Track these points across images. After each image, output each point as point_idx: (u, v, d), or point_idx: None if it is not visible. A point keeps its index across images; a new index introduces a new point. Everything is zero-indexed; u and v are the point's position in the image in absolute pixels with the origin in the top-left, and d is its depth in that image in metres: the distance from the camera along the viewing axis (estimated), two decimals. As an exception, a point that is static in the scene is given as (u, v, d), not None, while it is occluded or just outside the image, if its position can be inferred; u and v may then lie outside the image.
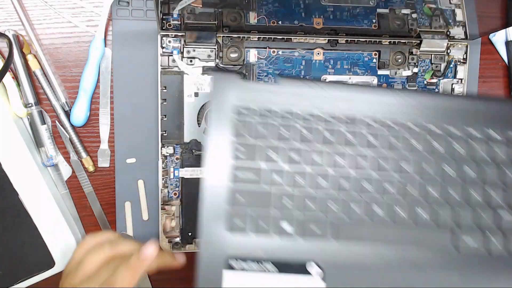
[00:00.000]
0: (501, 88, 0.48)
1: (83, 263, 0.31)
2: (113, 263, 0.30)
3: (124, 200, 0.41)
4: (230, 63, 0.40)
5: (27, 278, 0.39)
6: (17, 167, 0.37)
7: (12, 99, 0.38)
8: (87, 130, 0.41)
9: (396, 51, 0.43)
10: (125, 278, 0.29)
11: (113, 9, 0.39)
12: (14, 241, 0.38)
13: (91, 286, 0.29)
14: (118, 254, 0.31)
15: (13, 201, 0.38)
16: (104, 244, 0.32)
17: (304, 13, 0.41)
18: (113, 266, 0.30)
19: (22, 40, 0.38)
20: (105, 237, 0.33)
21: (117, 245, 0.32)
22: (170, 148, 0.40)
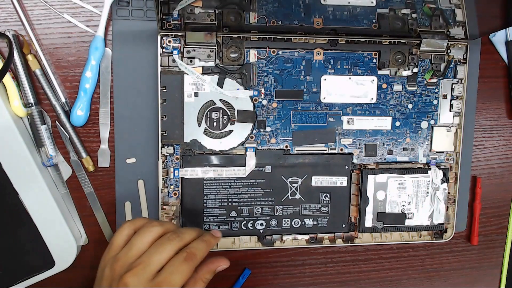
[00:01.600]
0: (501, 88, 0.48)
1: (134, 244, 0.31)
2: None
3: (124, 200, 0.41)
4: (230, 63, 0.40)
5: (27, 278, 0.39)
6: (17, 167, 0.37)
7: (12, 99, 0.38)
8: (87, 130, 0.41)
9: (396, 51, 0.43)
10: (203, 248, 0.31)
11: (113, 9, 0.39)
12: (14, 241, 0.38)
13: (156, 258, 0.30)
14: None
15: (13, 201, 0.38)
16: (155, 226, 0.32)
17: (304, 13, 0.41)
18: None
19: (22, 40, 0.38)
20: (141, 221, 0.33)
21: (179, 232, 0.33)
22: (170, 148, 0.40)
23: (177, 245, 0.31)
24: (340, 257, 0.47)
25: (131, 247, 0.31)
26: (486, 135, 0.48)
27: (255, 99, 0.41)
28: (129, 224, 0.33)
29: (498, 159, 0.48)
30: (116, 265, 0.30)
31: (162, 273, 0.30)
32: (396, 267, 0.48)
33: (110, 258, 0.31)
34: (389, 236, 0.45)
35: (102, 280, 0.31)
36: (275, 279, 0.46)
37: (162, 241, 0.31)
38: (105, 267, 0.31)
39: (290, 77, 0.42)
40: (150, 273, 0.29)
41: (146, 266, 0.29)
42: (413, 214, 0.45)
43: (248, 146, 0.42)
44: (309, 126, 0.43)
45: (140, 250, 0.31)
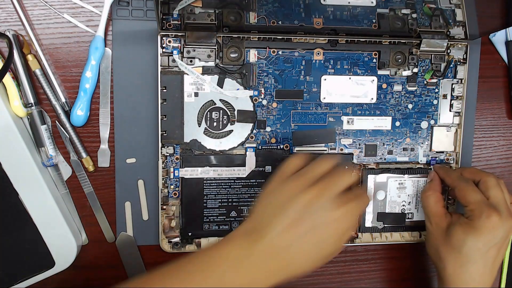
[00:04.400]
0: (501, 88, 0.48)
1: (318, 165, 0.34)
2: None
3: (124, 200, 0.41)
4: (230, 63, 0.40)
5: (27, 278, 0.39)
6: (17, 167, 0.37)
7: (12, 99, 0.38)
8: (87, 130, 0.41)
9: (396, 51, 0.43)
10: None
11: (113, 9, 0.39)
12: (14, 241, 0.38)
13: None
14: None
15: (13, 201, 0.38)
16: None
17: (304, 13, 0.41)
18: None
19: (22, 40, 0.38)
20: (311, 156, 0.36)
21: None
22: (170, 148, 0.40)
23: (354, 179, 0.34)
24: (340, 257, 0.47)
25: (314, 169, 0.34)
26: (486, 135, 0.48)
27: (255, 99, 0.41)
28: (301, 156, 0.35)
29: (498, 159, 0.48)
30: (301, 179, 0.33)
31: (347, 195, 0.33)
32: (397, 267, 0.48)
33: (288, 177, 0.34)
34: (389, 236, 0.45)
35: (282, 192, 0.32)
36: (275, 279, 0.46)
37: (343, 171, 0.34)
38: (284, 182, 0.33)
39: (290, 77, 0.42)
40: (335, 192, 0.32)
41: (333, 185, 0.32)
42: (413, 214, 0.45)
43: (248, 146, 0.42)
44: (309, 126, 0.43)
45: (322, 173, 0.33)
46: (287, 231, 0.31)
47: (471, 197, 0.37)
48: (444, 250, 0.39)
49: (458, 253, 0.37)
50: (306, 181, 0.33)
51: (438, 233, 0.40)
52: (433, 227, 0.40)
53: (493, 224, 0.36)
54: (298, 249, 0.31)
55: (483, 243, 0.37)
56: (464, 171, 0.41)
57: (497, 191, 0.38)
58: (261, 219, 0.32)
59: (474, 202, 0.37)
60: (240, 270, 0.30)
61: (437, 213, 0.40)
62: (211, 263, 0.31)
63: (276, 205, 0.32)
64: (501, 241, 0.37)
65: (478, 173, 0.40)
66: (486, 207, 0.36)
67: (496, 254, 0.38)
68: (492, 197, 0.38)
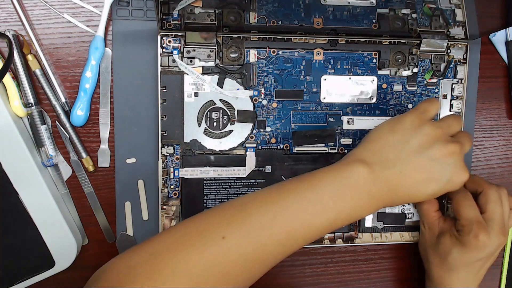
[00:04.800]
0: (501, 88, 0.48)
1: (448, 125, 0.36)
2: None
3: (124, 200, 0.41)
4: (230, 63, 0.40)
5: (27, 278, 0.39)
6: (17, 167, 0.37)
7: (12, 99, 0.38)
8: (87, 130, 0.41)
9: (396, 51, 0.43)
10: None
11: (113, 9, 0.39)
12: (14, 241, 0.38)
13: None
14: None
15: (13, 201, 0.38)
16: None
17: (304, 13, 0.41)
18: None
19: (22, 40, 0.38)
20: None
21: None
22: (170, 148, 0.40)
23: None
24: (340, 257, 0.47)
25: (452, 124, 0.36)
26: (486, 135, 0.48)
27: (255, 99, 0.41)
28: (438, 103, 0.37)
29: (498, 159, 0.48)
30: (442, 131, 0.34)
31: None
32: (397, 267, 0.48)
33: (429, 119, 0.35)
34: (389, 236, 0.45)
35: (418, 132, 0.34)
36: (275, 279, 0.46)
37: (470, 135, 0.37)
38: (424, 126, 0.34)
39: (290, 77, 0.42)
40: (463, 156, 0.35)
41: (464, 148, 0.35)
42: (413, 214, 0.45)
43: (248, 146, 0.42)
44: (309, 126, 0.43)
45: (455, 131, 0.36)
46: (415, 173, 0.33)
47: (464, 213, 0.37)
48: (432, 253, 0.40)
49: (444, 259, 0.39)
50: (445, 134, 0.35)
51: (430, 236, 0.41)
52: (426, 230, 0.41)
53: (480, 243, 0.36)
54: (412, 191, 0.33)
55: (468, 258, 0.37)
56: (468, 180, 0.40)
57: (495, 206, 0.38)
58: (386, 152, 0.33)
59: (465, 218, 0.37)
60: (369, 195, 0.32)
61: (431, 218, 0.41)
62: (342, 186, 0.32)
63: (413, 145, 0.33)
64: (487, 256, 0.38)
65: (481, 184, 0.39)
66: (476, 226, 0.36)
67: (481, 265, 0.39)
68: (489, 212, 0.38)
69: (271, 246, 0.29)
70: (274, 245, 0.30)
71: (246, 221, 0.30)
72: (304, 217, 0.30)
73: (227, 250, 0.28)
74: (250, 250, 0.29)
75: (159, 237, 0.30)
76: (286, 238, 0.30)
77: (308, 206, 0.30)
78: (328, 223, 0.31)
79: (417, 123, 0.34)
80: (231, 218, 0.30)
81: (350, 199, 0.31)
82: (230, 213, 0.30)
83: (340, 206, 0.31)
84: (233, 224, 0.29)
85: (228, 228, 0.29)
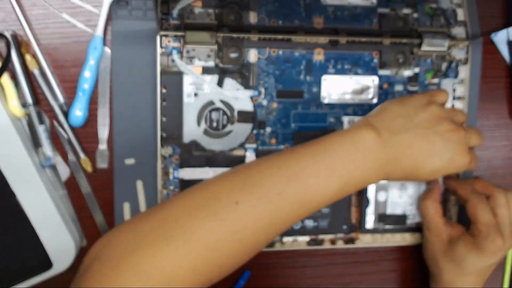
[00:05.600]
0: (503, 88, 0.47)
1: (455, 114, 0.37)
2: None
3: (122, 201, 0.41)
4: (230, 63, 0.40)
5: (25, 280, 0.39)
6: (15, 168, 0.37)
7: (10, 99, 0.37)
8: (86, 131, 0.40)
9: (397, 51, 0.42)
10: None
11: (112, 9, 0.39)
12: (11, 243, 0.38)
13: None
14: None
15: (10, 202, 0.37)
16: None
17: (304, 13, 0.41)
18: None
19: (20, 39, 0.38)
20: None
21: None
22: (170, 149, 0.40)
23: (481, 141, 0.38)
24: (341, 259, 0.46)
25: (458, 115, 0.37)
26: (488, 135, 0.48)
27: (255, 99, 0.41)
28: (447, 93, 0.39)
29: (501, 160, 0.48)
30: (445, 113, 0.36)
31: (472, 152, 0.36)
32: (398, 269, 0.48)
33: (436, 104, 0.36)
34: (391, 237, 0.45)
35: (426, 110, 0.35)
36: (276, 281, 0.46)
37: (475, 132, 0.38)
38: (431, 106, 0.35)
39: (291, 77, 0.41)
40: (468, 143, 0.36)
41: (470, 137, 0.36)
42: (415, 215, 0.45)
43: (248, 146, 0.41)
44: (310, 127, 0.42)
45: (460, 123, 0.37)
46: (420, 143, 0.34)
47: (482, 217, 0.38)
48: (443, 260, 0.40)
49: (457, 265, 0.39)
50: (451, 117, 0.36)
51: (438, 242, 0.41)
52: (432, 236, 0.41)
53: (496, 248, 0.37)
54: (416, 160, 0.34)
55: (483, 262, 0.38)
56: (476, 183, 0.41)
57: (505, 211, 0.38)
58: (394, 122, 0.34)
59: (483, 223, 0.38)
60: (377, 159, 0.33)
61: (437, 224, 0.41)
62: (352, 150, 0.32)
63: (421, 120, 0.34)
64: (500, 260, 0.38)
65: (489, 188, 0.40)
66: (493, 231, 0.37)
67: (491, 268, 0.40)
68: (499, 216, 0.38)
69: (285, 209, 0.30)
70: (289, 209, 0.30)
71: (259, 185, 0.30)
72: (317, 180, 0.31)
73: (241, 215, 0.28)
74: (265, 215, 0.29)
75: (169, 203, 0.29)
76: (300, 202, 0.30)
77: (321, 169, 0.31)
78: (339, 186, 0.31)
79: (425, 102, 0.36)
80: (243, 183, 0.30)
81: (360, 163, 0.32)
82: (242, 178, 0.30)
83: (351, 169, 0.32)
84: (246, 189, 0.29)
85: (241, 193, 0.29)
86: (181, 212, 0.28)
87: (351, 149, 0.32)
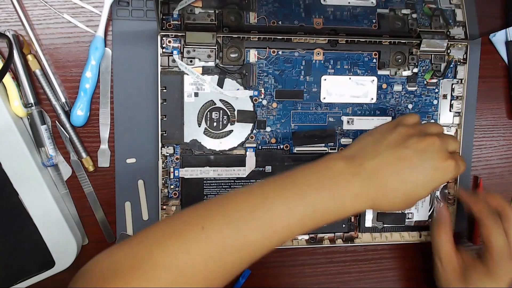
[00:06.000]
0: (501, 88, 0.48)
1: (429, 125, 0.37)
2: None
3: (124, 200, 0.41)
4: (230, 63, 0.40)
5: (27, 278, 0.39)
6: (17, 167, 0.37)
7: (12, 99, 0.38)
8: (87, 130, 0.41)
9: (396, 51, 0.43)
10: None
11: (113, 9, 0.39)
12: (14, 241, 0.38)
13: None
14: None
15: (13, 201, 0.38)
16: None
17: (304, 13, 0.41)
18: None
19: (22, 40, 0.38)
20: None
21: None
22: (170, 148, 0.40)
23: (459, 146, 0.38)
24: (340, 257, 0.47)
25: (429, 127, 0.37)
26: (486, 135, 0.48)
27: (255, 99, 0.41)
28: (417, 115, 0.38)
29: (498, 159, 0.48)
30: (417, 128, 0.35)
31: (453, 155, 0.35)
32: (397, 267, 0.48)
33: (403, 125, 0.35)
34: (389, 236, 0.45)
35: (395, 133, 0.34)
36: (275, 279, 0.46)
37: (453, 137, 0.37)
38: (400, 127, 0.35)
39: (290, 77, 0.42)
40: (447, 148, 0.35)
41: (446, 142, 0.35)
42: (413, 214, 0.45)
43: (248, 146, 0.42)
44: (309, 126, 0.42)
45: (437, 132, 0.36)
46: (394, 162, 0.33)
47: (496, 240, 0.38)
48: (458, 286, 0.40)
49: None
50: (421, 131, 0.35)
51: (450, 270, 0.41)
52: (443, 265, 0.41)
53: (509, 273, 0.38)
54: (396, 181, 0.33)
55: (499, 285, 0.38)
56: (491, 199, 0.41)
57: None
58: (365, 149, 0.34)
59: (497, 247, 0.38)
60: (349, 186, 0.32)
61: (449, 254, 0.41)
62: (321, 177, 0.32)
63: (390, 140, 0.34)
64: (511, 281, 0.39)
65: (502, 205, 0.40)
66: (507, 257, 0.37)
67: None
68: (511, 236, 0.38)
69: (252, 237, 0.29)
70: (255, 236, 0.29)
71: (225, 211, 0.30)
72: (283, 207, 0.30)
73: (207, 240, 0.28)
74: (230, 241, 0.29)
75: (142, 232, 0.30)
76: (267, 229, 0.30)
77: (287, 196, 0.31)
78: (307, 214, 0.31)
79: (392, 127, 0.36)
80: (210, 210, 0.30)
81: (329, 191, 0.31)
82: (210, 206, 0.31)
83: (319, 196, 0.31)
84: (212, 215, 0.30)
85: (207, 219, 0.29)
86: (152, 239, 0.29)
87: (318, 177, 0.32)
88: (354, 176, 0.32)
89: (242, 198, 0.31)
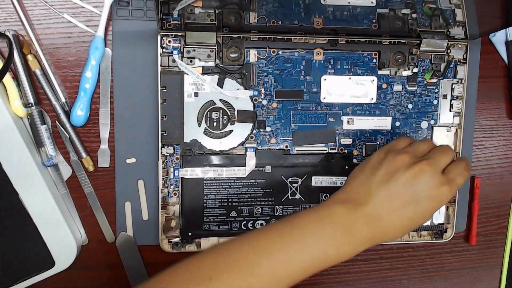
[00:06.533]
0: (501, 88, 0.48)
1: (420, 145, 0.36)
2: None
3: (124, 200, 0.41)
4: (230, 63, 0.40)
5: (27, 278, 0.39)
6: (17, 167, 0.37)
7: (12, 99, 0.38)
8: (87, 130, 0.41)
9: (396, 51, 0.43)
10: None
11: (113, 9, 0.39)
12: (14, 241, 0.38)
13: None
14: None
15: (13, 201, 0.38)
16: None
17: (304, 13, 0.41)
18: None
19: (22, 40, 0.38)
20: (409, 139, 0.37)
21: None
22: (170, 148, 0.40)
23: (454, 154, 0.36)
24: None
25: (419, 147, 0.35)
26: (486, 135, 0.48)
27: (255, 99, 0.41)
28: (407, 138, 0.37)
29: (498, 159, 0.48)
30: (405, 156, 0.34)
31: (449, 172, 0.34)
32: (396, 267, 0.48)
33: (395, 150, 0.35)
34: (389, 236, 0.45)
35: (385, 166, 0.34)
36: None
37: (445, 148, 0.35)
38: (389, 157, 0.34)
39: (290, 77, 0.42)
40: (440, 168, 0.34)
41: (437, 161, 0.34)
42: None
43: (248, 146, 0.42)
44: (309, 126, 0.43)
45: (425, 152, 0.35)
46: (387, 202, 0.32)
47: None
48: None
49: None
50: (411, 157, 0.34)
51: None
52: None
53: None
54: (392, 220, 0.33)
55: None
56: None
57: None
58: (359, 189, 0.34)
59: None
60: (348, 233, 0.32)
61: None
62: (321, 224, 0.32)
63: (379, 176, 0.33)
64: None
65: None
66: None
67: None
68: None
69: (257, 284, 0.30)
70: (260, 284, 0.30)
71: (232, 261, 0.31)
72: (286, 255, 0.31)
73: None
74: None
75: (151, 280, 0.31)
76: (271, 277, 0.31)
77: (290, 244, 0.31)
78: (311, 261, 0.31)
79: (382, 157, 0.35)
80: (217, 259, 0.31)
81: (329, 237, 0.32)
82: (216, 255, 0.32)
83: (321, 244, 0.31)
84: (219, 265, 0.30)
85: (214, 269, 0.30)
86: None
87: (321, 224, 0.32)
88: (352, 223, 0.32)
89: (247, 245, 0.32)
